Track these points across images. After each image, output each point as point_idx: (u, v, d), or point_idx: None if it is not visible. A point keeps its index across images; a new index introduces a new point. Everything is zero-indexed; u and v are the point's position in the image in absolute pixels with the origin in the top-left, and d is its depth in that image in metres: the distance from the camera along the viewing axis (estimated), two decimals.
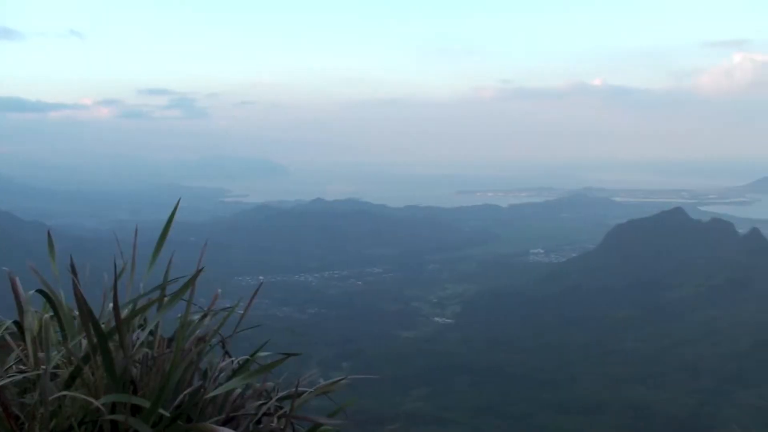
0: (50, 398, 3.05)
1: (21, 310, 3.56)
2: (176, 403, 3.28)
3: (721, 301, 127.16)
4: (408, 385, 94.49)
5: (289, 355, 3.68)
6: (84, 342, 3.35)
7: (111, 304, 3.37)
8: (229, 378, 3.54)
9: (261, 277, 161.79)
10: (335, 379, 3.78)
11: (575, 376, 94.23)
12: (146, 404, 3.07)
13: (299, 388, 3.60)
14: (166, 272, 3.78)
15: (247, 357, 3.73)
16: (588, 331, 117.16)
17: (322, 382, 3.86)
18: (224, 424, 3.34)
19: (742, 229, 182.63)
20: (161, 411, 3.08)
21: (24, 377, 3.27)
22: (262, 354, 3.84)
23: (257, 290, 3.89)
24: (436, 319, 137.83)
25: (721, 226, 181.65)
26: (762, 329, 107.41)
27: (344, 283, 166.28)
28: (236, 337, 3.97)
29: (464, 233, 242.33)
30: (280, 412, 3.51)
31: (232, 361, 3.75)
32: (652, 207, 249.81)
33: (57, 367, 3.40)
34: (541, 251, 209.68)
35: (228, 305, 4.05)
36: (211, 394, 3.33)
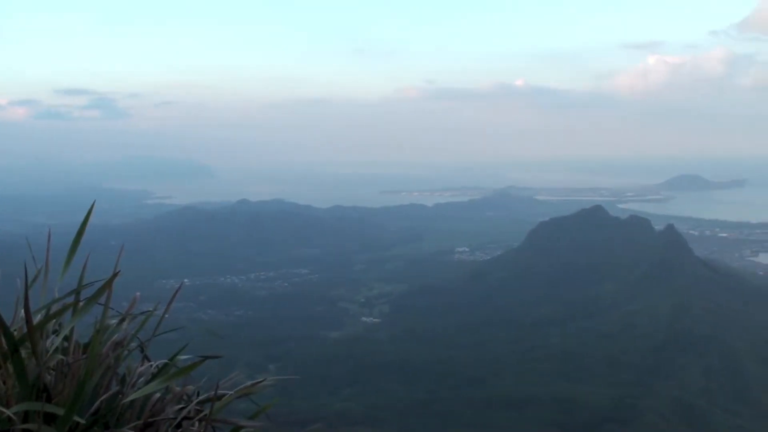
0: None
1: None
2: (92, 409, 3.21)
3: (639, 296, 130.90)
4: (337, 385, 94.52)
5: (208, 357, 3.63)
6: None
7: (23, 310, 3.27)
8: (147, 383, 3.47)
9: (186, 280, 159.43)
10: (256, 381, 3.75)
11: (502, 372, 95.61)
12: (60, 412, 3.00)
13: (220, 391, 3.56)
14: (81, 276, 3.69)
15: (165, 361, 3.67)
16: (513, 328, 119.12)
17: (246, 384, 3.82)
18: (143, 429, 3.29)
19: (658, 226, 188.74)
20: (76, 418, 3.01)
21: None
22: (182, 357, 3.78)
23: (177, 292, 3.83)
24: (364, 318, 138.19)
25: (638, 223, 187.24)
26: (677, 322, 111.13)
27: (271, 285, 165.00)
28: (160, 341, 3.90)
29: (390, 233, 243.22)
30: (200, 415, 3.46)
31: (151, 366, 3.68)
32: (573, 205, 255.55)
33: None
34: (467, 249, 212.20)
35: (149, 309, 3.97)
36: (129, 398, 3.27)
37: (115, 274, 3.47)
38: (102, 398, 3.27)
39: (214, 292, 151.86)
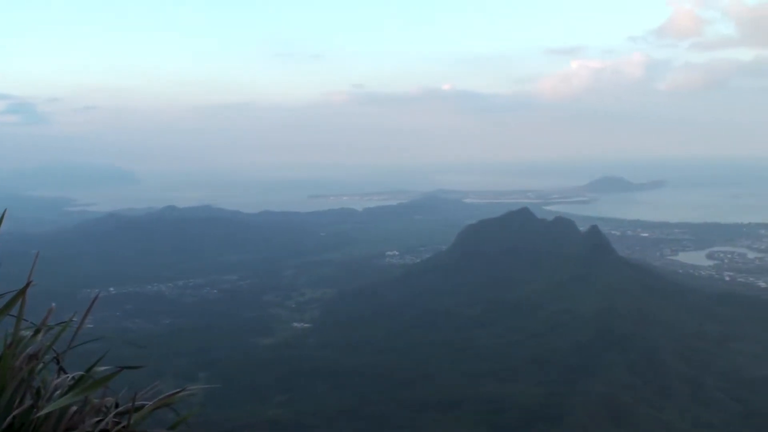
0: None
1: None
2: (5, 424, 3.12)
3: (565, 295, 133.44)
4: (268, 392, 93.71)
5: (126, 368, 3.56)
6: None
7: None
8: (63, 395, 3.38)
9: (111, 289, 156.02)
10: (175, 391, 3.69)
11: (432, 374, 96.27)
12: None
13: (140, 402, 3.49)
14: None
15: (82, 373, 3.57)
16: (443, 330, 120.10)
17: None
18: None
19: (582, 227, 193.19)
20: None
21: None
22: (101, 368, 3.69)
23: (93, 302, 3.75)
24: (295, 324, 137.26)
25: (564, 224, 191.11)
26: (601, 321, 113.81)
27: (199, 292, 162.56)
28: (84, 353, 3.80)
29: (320, 237, 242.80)
30: (119, 427, 3.39)
31: (67, 378, 3.59)
32: (501, 207, 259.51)
33: None
34: (396, 253, 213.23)
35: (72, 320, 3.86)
36: (44, 412, 3.18)
37: (27, 284, 3.38)
38: (15, 412, 3.17)
39: (141, 301, 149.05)
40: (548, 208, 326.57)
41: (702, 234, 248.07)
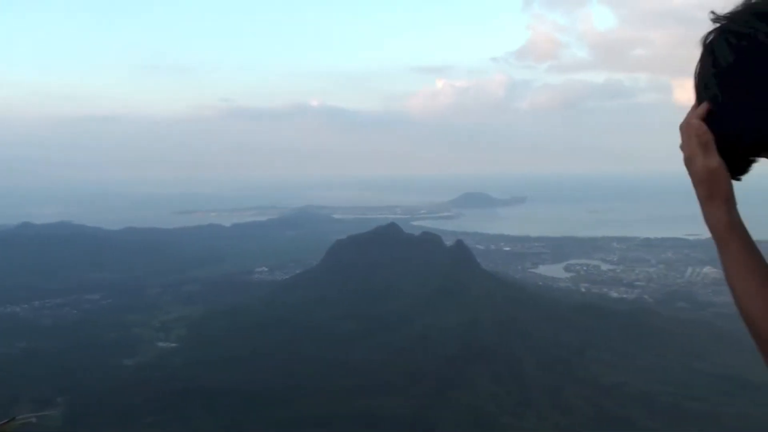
0: None
1: None
2: None
3: (432, 310, 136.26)
4: (134, 415, 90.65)
5: None
6: None
7: None
8: None
9: None
10: (6, 420, 3.65)
11: (304, 391, 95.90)
12: None
13: None
14: None
15: None
16: (314, 346, 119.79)
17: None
18: None
19: (448, 241, 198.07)
20: None
21: None
22: None
23: None
24: (160, 343, 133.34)
25: (430, 239, 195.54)
26: (467, 334, 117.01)
27: (58, 313, 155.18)
28: None
29: (187, 254, 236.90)
30: None
31: None
32: (370, 222, 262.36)
33: None
34: (266, 269, 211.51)
35: None
36: None
37: None
38: None
39: None
40: (415, 223, 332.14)
41: (560, 247, 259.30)
